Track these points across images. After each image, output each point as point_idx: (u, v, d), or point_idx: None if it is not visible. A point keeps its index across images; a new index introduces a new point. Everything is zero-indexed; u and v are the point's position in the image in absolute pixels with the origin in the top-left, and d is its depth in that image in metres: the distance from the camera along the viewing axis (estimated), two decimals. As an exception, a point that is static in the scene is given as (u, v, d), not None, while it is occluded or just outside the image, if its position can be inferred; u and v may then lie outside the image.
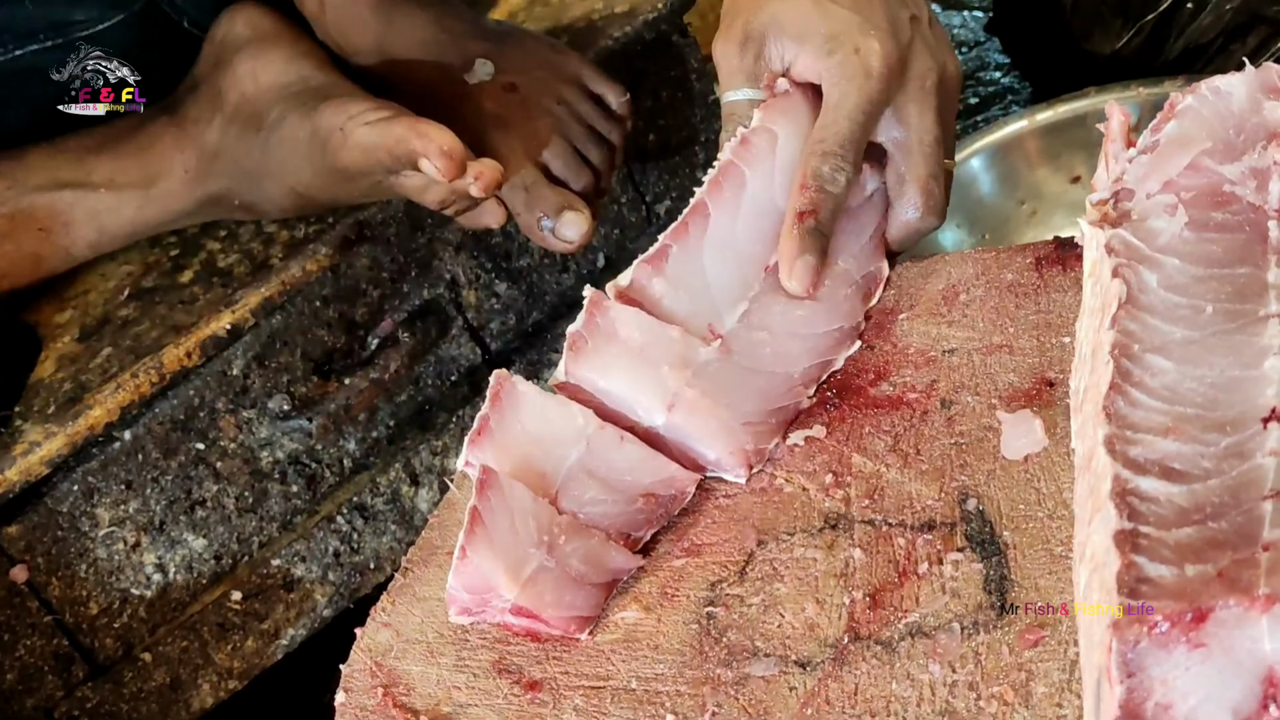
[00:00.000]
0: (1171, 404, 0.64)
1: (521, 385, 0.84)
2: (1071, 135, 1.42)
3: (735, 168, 0.90)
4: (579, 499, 0.81)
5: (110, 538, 1.13)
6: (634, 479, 0.82)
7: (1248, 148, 0.76)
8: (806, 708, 0.70)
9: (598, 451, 0.82)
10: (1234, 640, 0.54)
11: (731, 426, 0.82)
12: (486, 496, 0.78)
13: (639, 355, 0.84)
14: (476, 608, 0.79)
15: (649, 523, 0.81)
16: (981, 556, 0.73)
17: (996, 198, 1.43)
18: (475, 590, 0.78)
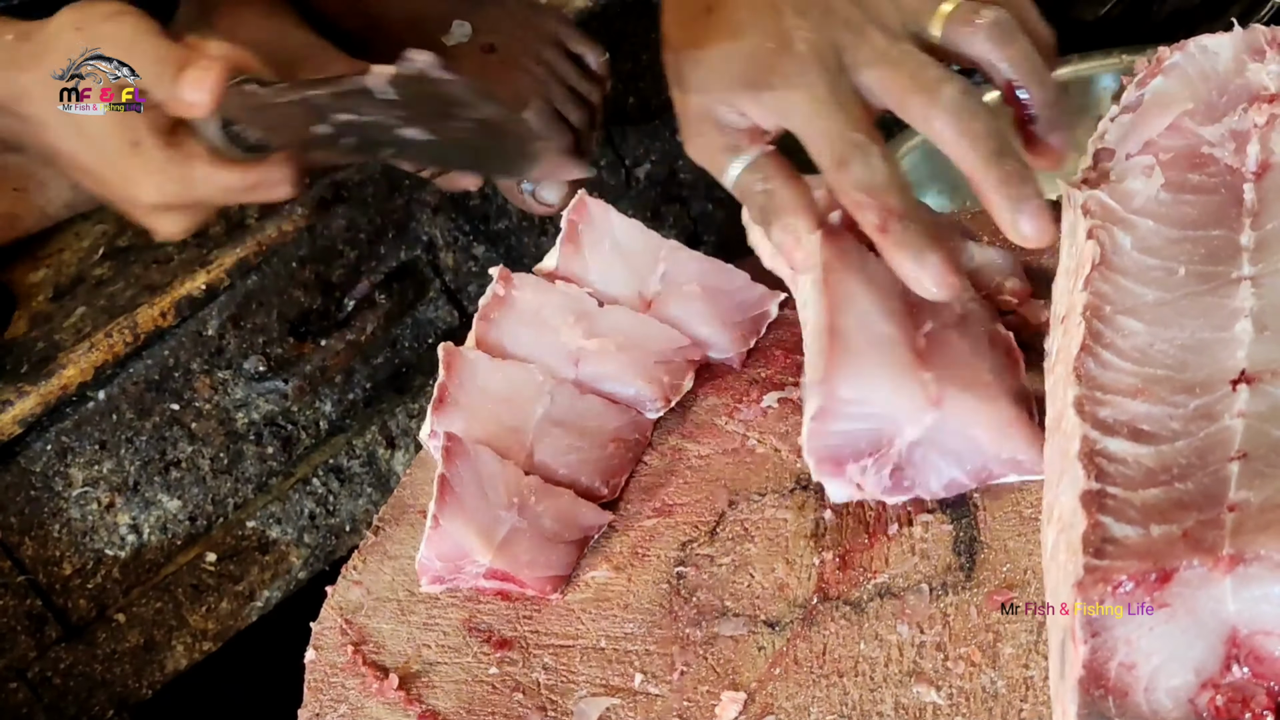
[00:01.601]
0: (1142, 365, 0.64)
1: (470, 353, 0.85)
2: (1067, 101, 1.41)
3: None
4: (555, 449, 0.82)
5: (84, 498, 1.12)
6: (600, 424, 0.83)
7: (1229, 109, 0.76)
8: (775, 667, 0.70)
9: (562, 403, 0.84)
10: (1198, 600, 0.54)
11: (641, 364, 0.85)
12: (454, 464, 0.78)
13: (538, 322, 0.88)
14: (449, 575, 0.79)
15: (621, 468, 0.83)
16: (951, 518, 0.73)
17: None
18: (449, 558, 0.78)
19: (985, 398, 0.74)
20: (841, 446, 0.73)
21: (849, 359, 0.72)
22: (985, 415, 0.73)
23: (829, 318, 0.74)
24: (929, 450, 0.73)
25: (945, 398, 0.73)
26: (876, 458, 0.73)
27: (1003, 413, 0.73)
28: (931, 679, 0.66)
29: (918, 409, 0.72)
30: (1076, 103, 1.41)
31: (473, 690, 0.74)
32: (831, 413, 0.72)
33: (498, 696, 0.73)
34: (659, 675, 0.71)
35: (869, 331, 0.74)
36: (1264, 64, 0.76)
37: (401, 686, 0.75)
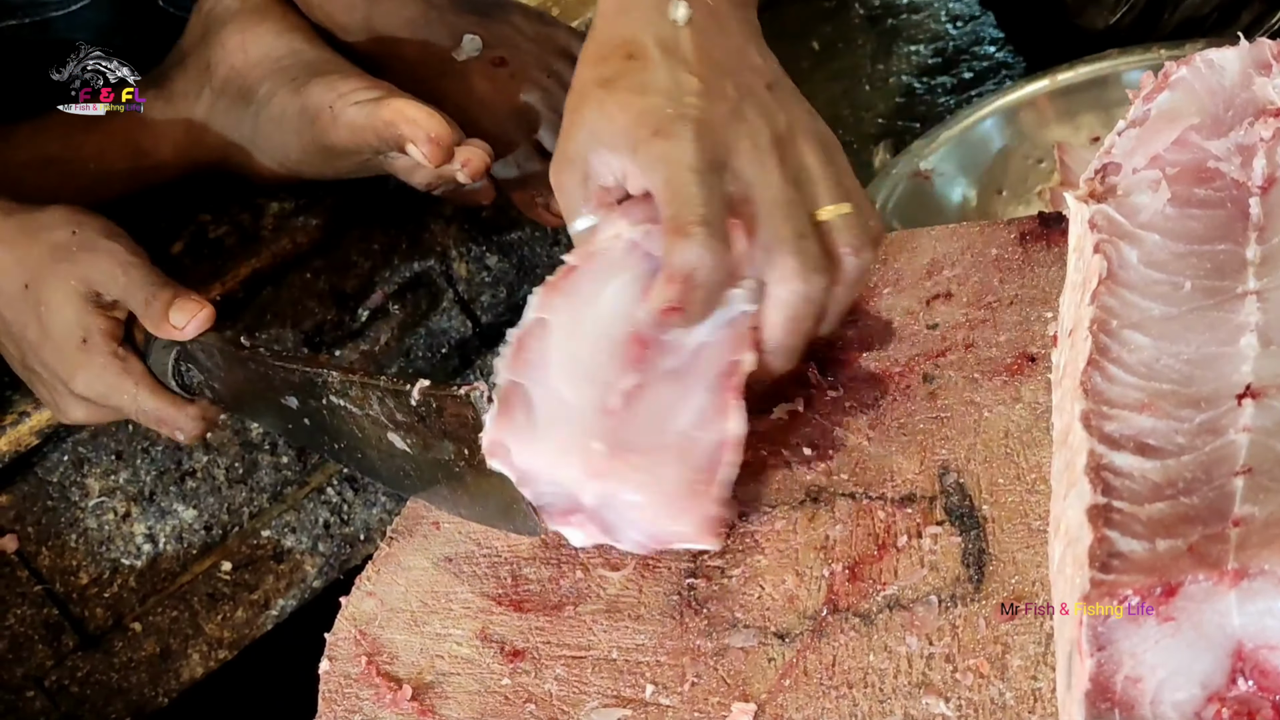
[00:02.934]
0: (1148, 380, 0.64)
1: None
2: (1091, 97, 1.42)
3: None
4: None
5: (100, 508, 1.14)
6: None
7: (1235, 123, 0.76)
8: (785, 679, 0.70)
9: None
10: (1203, 614, 0.55)
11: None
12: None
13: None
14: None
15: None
16: (960, 530, 0.74)
17: (1012, 156, 1.44)
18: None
19: (650, 470, 0.77)
20: (554, 504, 0.79)
21: (520, 429, 0.78)
22: (648, 488, 0.77)
23: (506, 380, 0.79)
24: (610, 514, 0.78)
25: (609, 471, 0.77)
26: (583, 515, 0.78)
27: (667, 485, 0.77)
28: (940, 690, 0.67)
29: (583, 479, 0.78)
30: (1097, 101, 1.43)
31: (485, 701, 0.75)
32: (523, 480, 0.78)
33: (510, 707, 0.74)
34: (670, 686, 0.72)
35: (550, 398, 0.79)
36: (1270, 78, 0.77)
37: (415, 697, 0.76)
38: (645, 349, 0.81)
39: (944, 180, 1.44)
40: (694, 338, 0.80)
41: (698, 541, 0.77)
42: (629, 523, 0.78)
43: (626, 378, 0.80)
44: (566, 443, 0.79)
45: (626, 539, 0.79)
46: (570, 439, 0.79)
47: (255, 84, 1.12)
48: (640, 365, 0.80)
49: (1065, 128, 1.45)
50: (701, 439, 0.79)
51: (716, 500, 0.78)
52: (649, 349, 0.80)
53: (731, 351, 0.80)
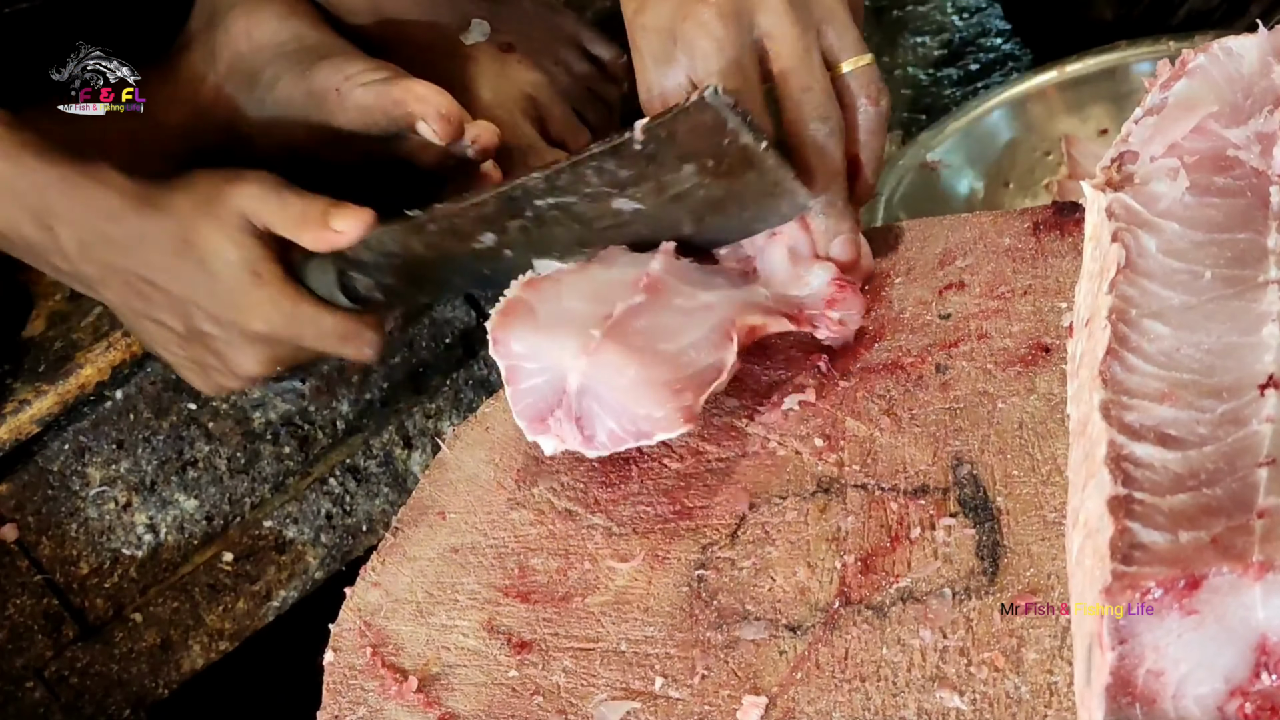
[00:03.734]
0: (1168, 370, 0.63)
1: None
2: (1100, 89, 1.42)
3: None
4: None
5: (101, 497, 1.13)
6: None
7: (1254, 111, 0.75)
8: (796, 671, 0.69)
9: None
10: (1227, 607, 0.54)
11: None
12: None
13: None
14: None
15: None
16: (974, 522, 0.73)
17: (1020, 148, 1.43)
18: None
19: (639, 356, 0.80)
20: (536, 403, 0.81)
21: (523, 323, 0.83)
22: (632, 370, 0.79)
23: (513, 295, 0.85)
24: (591, 400, 0.80)
25: (601, 349, 0.80)
26: (562, 409, 0.80)
27: (652, 372, 0.79)
28: (954, 684, 0.66)
29: (574, 358, 0.80)
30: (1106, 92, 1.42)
31: (492, 693, 0.74)
32: (514, 371, 0.82)
33: (517, 699, 0.73)
34: (679, 679, 0.71)
35: (553, 302, 0.85)
36: (1290, 66, 0.76)
37: (421, 689, 0.75)
38: (653, 280, 0.85)
39: (951, 172, 1.43)
40: (708, 294, 0.85)
41: (669, 428, 0.79)
42: (607, 408, 0.80)
43: (634, 297, 0.83)
44: (565, 330, 0.82)
45: (600, 430, 0.80)
46: (569, 328, 0.82)
47: (261, 68, 1.11)
48: (650, 291, 0.84)
49: (1073, 120, 1.44)
50: (696, 358, 0.81)
51: (696, 400, 0.80)
52: (662, 288, 0.84)
53: (742, 310, 0.84)
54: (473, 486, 0.86)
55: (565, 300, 0.85)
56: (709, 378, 0.81)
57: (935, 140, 1.42)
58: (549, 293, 0.86)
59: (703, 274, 0.87)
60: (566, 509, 0.83)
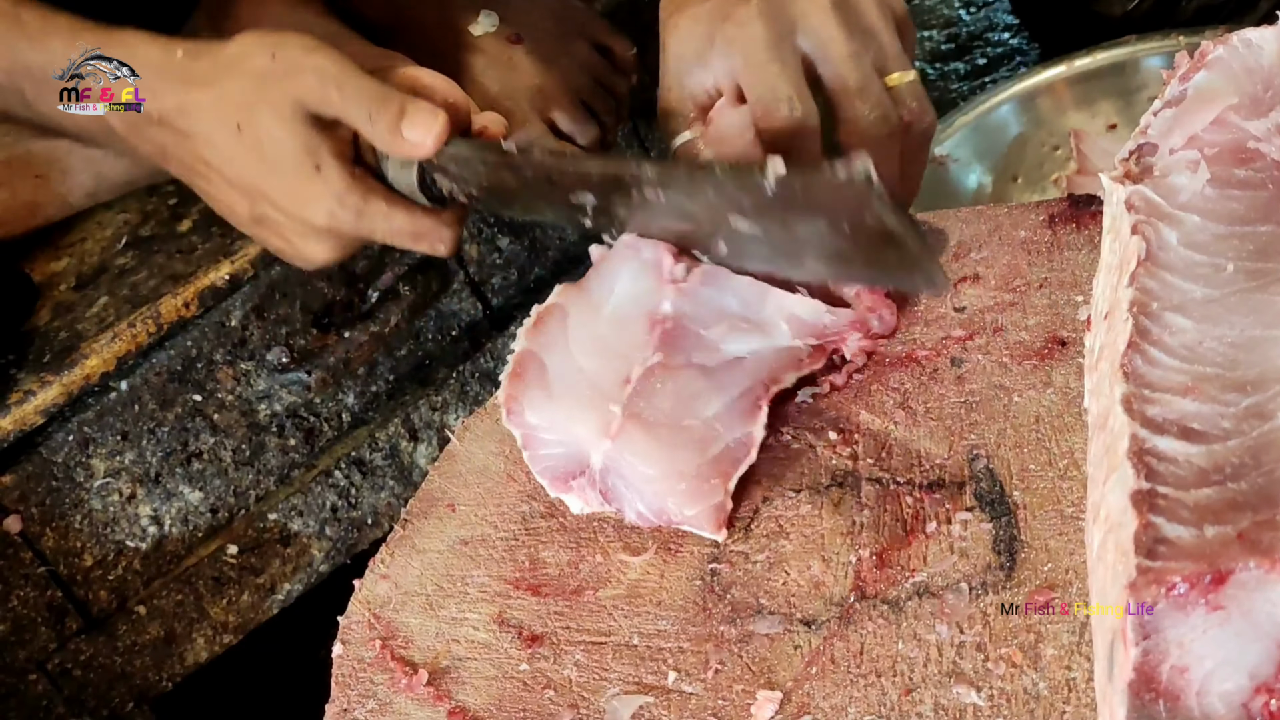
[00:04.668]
0: (1191, 363, 0.63)
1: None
2: (1109, 83, 1.41)
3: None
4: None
5: (105, 489, 1.12)
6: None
7: (1274, 103, 0.74)
8: (811, 666, 0.69)
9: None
10: (1253, 603, 0.53)
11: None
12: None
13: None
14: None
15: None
16: (991, 516, 0.72)
17: (1028, 142, 1.42)
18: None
19: (663, 441, 0.77)
20: (556, 466, 0.80)
21: (536, 390, 0.81)
22: (657, 458, 0.77)
23: (523, 349, 0.83)
24: (617, 479, 0.78)
25: (623, 432, 0.77)
26: (586, 479, 0.78)
27: (678, 458, 0.77)
28: (971, 680, 0.65)
29: (596, 438, 0.78)
30: (1115, 87, 1.42)
31: (503, 687, 0.73)
32: (531, 439, 0.80)
33: (528, 693, 0.72)
34: (693, 673, 0.70)
35: (562, 357, 0.82)
36: (1310, 58, 0.75)
37: (431, 682, 0.75)
38: (667, 330, 0.81)
39: (959, 166, 1.42)
40: (737, 345, 0.81)
41: (704, 529, 0.76)
42: (636, 492, 0.77)
43: (648, 354, 0.80)
44: (583, 403, 0.79)
45: (629, 508, 0.78)
46: (587, 400, 0.79)
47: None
48: (664, 347, 0.80)
49: (1082, 114, 1.44)
50: (724, 434, 0.78)
51: (727, 493, 0.77)
52: (677, 336, 0.81)
53: (779, 369, 0.81)
54: (483, 479, 0.85)
55: (576, 354, 0.81)
56: (738, 456, 0.78)
57: (943, 135, 1.42)
58: (557, 342, 0.82)
59: (720, 300, 0.83)
60: (577, 502, 0.82)
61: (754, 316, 0.83)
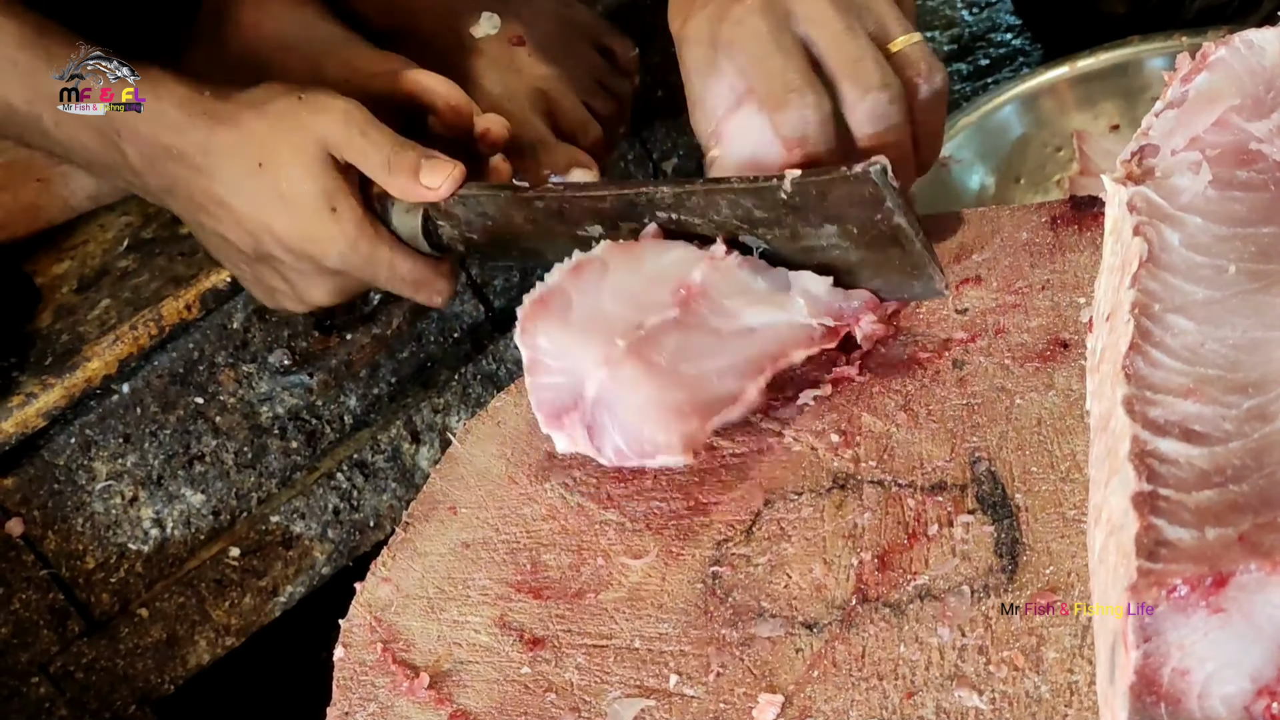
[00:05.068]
0: (1192, 365, 0.62)
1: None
2: (1111, 84, 1.41)
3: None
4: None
5: (107, 491, 1.12)
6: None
7: (1276, 105, 0.74)
8: (813, 669, 0.68)
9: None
10: (1255, 605, 0.53)
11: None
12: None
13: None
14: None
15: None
16: (993, 519, 0.72)
17: (1031, 143, 1.42)
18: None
19: (656, 375, 0.79)
20: (554, 400, 0.81)
21: (555, 318, 0.82)
22: (646, 389, 0.79)
23: (555, 283, 0.84)
24: (604, 411, 0.79)
25: (620, 365, 0.79)
26: (578, 413, 0.80)
27: (665, 394, 0.79)
28: (973, 683, 0.65)
29: (594, 366, 0.79)
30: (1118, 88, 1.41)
31: (504, 690, 0.73)
32: (536, 365, 0.82)
33: (530, 697, 0.72)
34: (694, 677, 0.70)
35: (592, 298, 0.83)
36: (1312, 59, 0.75)
37: (432, 685, 0.75)
38: (692, 293, 0.83)
39: (962, 167, 1.42)
40: (753, 317, 0.83)
41: (673, 454, 0.79)
42: (616, 423, 0.79)
43: (667, 310, 0.82)
44: (591, 334, 0.81)
45: (608, 444, 0.80)
46: (596, 332, 0.81)
47: (269, 61, 1.10)
48: (685, 307, 0.83)
49: (1085, 115, 1.44)
50: (717, 385, 0.81)
51: (704, 428, 0.79)
52: (699, 300, 0.83)
53: (789, 344, 0.83)
54: (484, 481, 0.85)
55: (603, 298, 0.84)
56: (720, 405, 0.80)
57: (946, 136, 1.41)
58: (590, 284, 0.84)
59: (749, 280, 0.84)
60: (579, 504, 0.82)
61: (776, 297, 0.84)
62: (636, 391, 0.79)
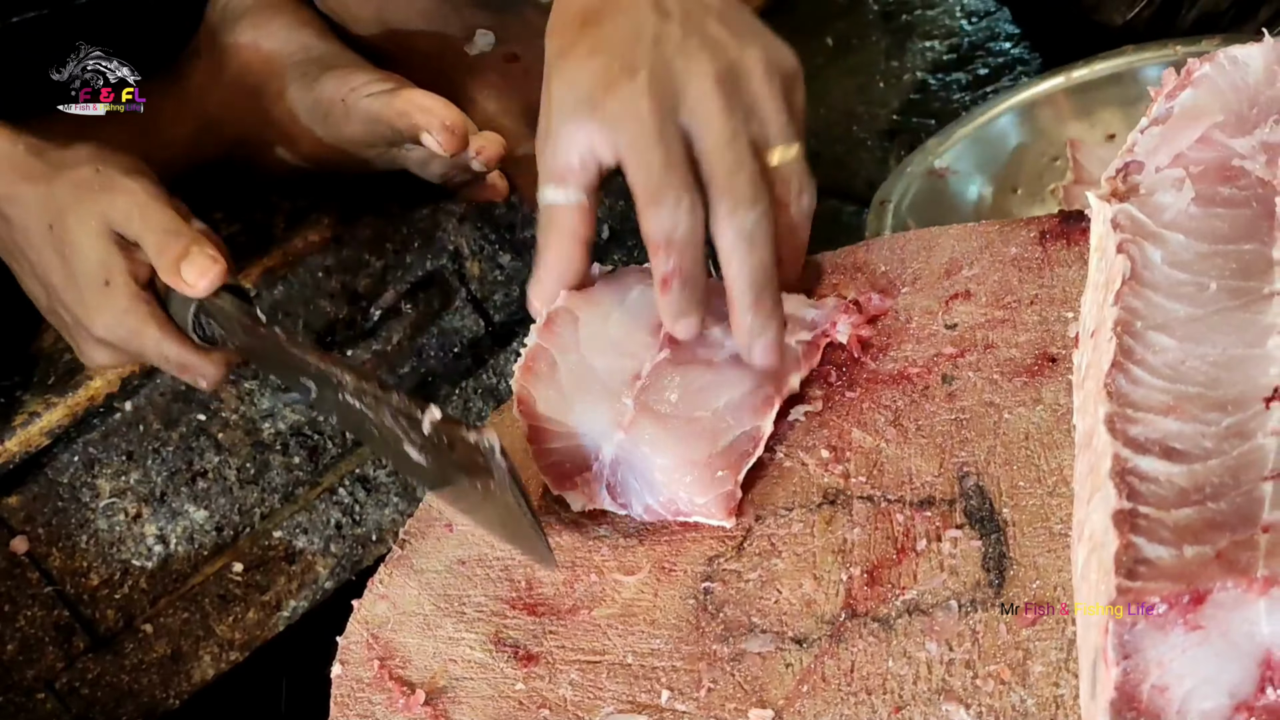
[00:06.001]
0: (1173, 382, 0.63)
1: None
2: (1107, 93, 1.41)
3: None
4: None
5: (111, 509, 1.13)
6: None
7: (1260, 121, 0.75)
8: (803, 684, 0.69)
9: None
10: (1231, 623, 0.54)
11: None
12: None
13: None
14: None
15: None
16: (980, 534, 0.73)
17: (1028, 153, 1.43)
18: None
19: (676, 431, 0.79)
20: (562, 462, 0.81)
21: (544, 382, 0.82)
22: (669, 449, 0.79)
23: (533, 345, 0.84)
24: (627, 472, 0.79)
25: (635, 424, 0.79)
26: (593, 474, 0.80)
27: (688, 452, 0.79)
28: (960, 697, 0.66)
29: (609, 429, 0.79)
30: (1113, 97, 1.42)
31: (499, 706, 0.74)
32: (539, 432, 0.81)
33: (524, 713, 0.73)
34: (686, 692, 0.71)
35: (574, 354, 0.83)
36: (1295, 74, 0.76)
37: (428, 702, 0.75)
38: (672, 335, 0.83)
39: (959, 178, 1.43)
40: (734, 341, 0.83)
41: (715, 517, 0.78)
42: (646, 484, 0.79)
43: (656, 352, 0.82)
44: (595, 397, 0.81)
45: (636, 501, 0.80)
46: (599, 395, 0.81)
47: (267, 80, 1.11)
48: (670, 344, 0.83)
49: (1082, 124, 1.44)
50: (734, 426, 0.80)
51: (736, 484, 0.79)
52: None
53: (782, 369, 0.83)
54: (480, 498, 0.86)
55: (586, 353, 0.83)
56: (746, 449, 0.80)
57: (943, 146, 1.42)
58: (568, 339, 0.84)
59: (719, 305, 0.83)
60: (573, 521, 0.83)
61: None
62: (660, 451, 0.78)
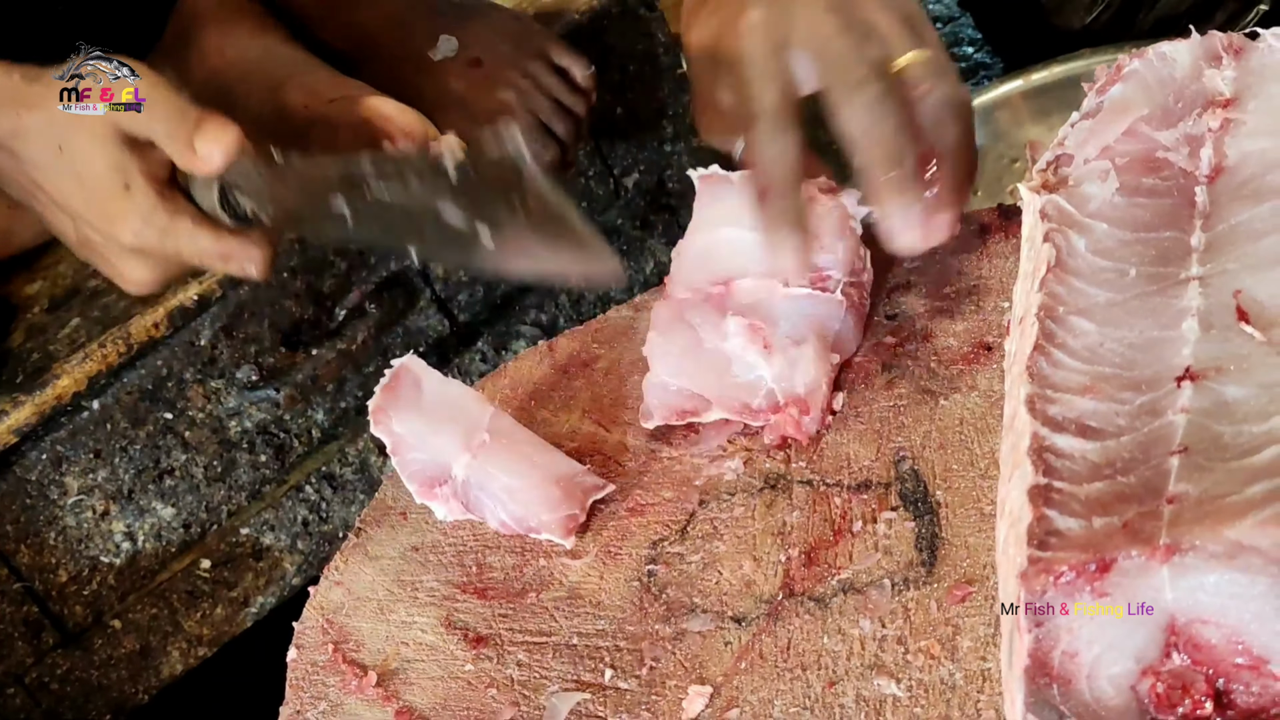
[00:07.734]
0: (1091, 364, 0.65)
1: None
2: (1064, 96, 1.43)
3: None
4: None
5: (79, 506, 1.15)
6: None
7: (1184, 114, 0.77)
8: (741, 661, 0.71)
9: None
10: (1137, 589, 0.56)
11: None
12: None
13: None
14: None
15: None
16: (914, 515, 0.75)
17: (988, 156, 1.45)
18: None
19: (526, 455, 0.83)
20: (423, 472, 0.85)
21: (407, 402, 0.85)
22: (523, 475, 0.82)
23: (405, 365, 0.87)
24: (478, 490, 0.83)
25: (485, 450, 0.83)
26: (449, 489, 0.84)
27: (542, 473, 0.83)
28: (892, 671, 0.68)
29: (459, 450, 0.83)
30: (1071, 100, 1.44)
31: (448, 687, 0.76)
32: (399, 444, 0.85)
33: (472, 692, 0.75)
34: (628, 670, 0.73)
35: (441, 385, 0.87)
36: (1220, 70, 0.78)
37: (379, 684, 0.77)
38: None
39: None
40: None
41: (557, 535, 0.81)
42: (498, 502, 0.83)
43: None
44: (449, 417, 0.84)
45: (490, 516, 0.83)
46: (453, 416, 0.84)
47: (232, 85, 1.13)
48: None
49: (1039, 127, 1.47)
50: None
51: (581, 504, 0.82)
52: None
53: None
54: (434, 488, 0.88)
55: (450, 381, 0.87)
56: (595, 484, 0.83)
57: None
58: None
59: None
60: (524, 508, 0.84)
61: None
62: (509, 472, 0.83)
